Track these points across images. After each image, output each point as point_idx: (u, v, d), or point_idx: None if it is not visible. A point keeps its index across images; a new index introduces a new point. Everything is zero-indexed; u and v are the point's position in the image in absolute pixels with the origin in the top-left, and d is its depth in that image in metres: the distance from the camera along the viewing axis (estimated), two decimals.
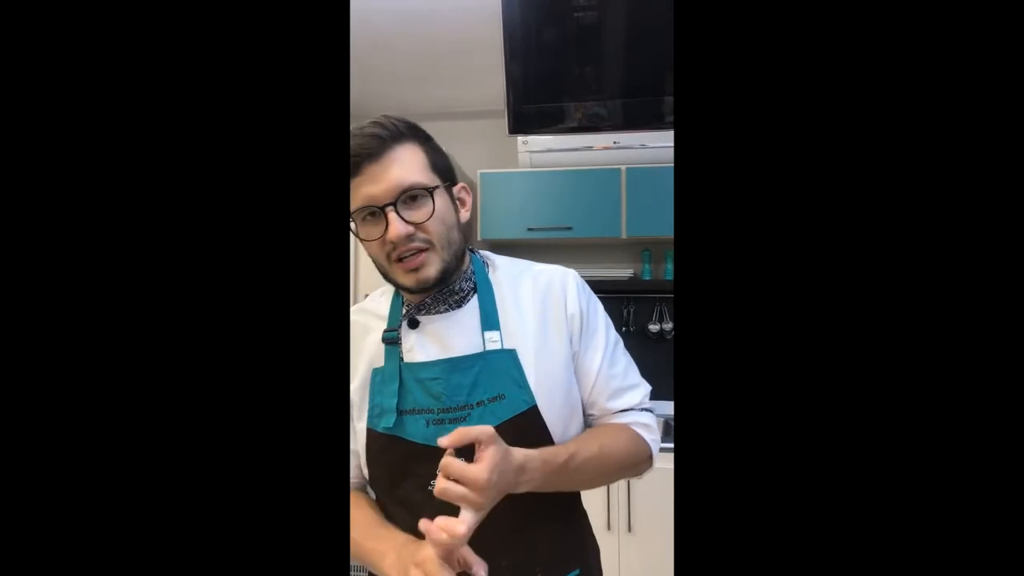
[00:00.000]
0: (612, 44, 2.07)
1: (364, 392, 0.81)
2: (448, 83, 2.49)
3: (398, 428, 0.76)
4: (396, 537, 0.73)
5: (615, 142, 2.18)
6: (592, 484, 0.82)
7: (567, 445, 0.76)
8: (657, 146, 2.17)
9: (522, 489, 0.68)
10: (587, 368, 0.83)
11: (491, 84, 2.28)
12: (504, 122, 2.20)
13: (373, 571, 0.75)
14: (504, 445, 0.65)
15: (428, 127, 0.82)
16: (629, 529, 1.91)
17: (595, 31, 2.04)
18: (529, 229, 2.23)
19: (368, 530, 0.76)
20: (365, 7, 1.93)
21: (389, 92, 2.57)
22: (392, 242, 0.75)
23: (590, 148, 2.20)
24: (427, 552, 0.64)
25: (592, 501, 0.90)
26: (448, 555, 0.63)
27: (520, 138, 2.23)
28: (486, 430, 0.64)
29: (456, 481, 0.62)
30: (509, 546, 0.74)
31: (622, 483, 1.88)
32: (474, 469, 0.62)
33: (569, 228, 2.20)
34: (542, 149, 2.23)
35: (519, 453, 0.67)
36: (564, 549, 0.82)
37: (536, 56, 2.06)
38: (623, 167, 2.19)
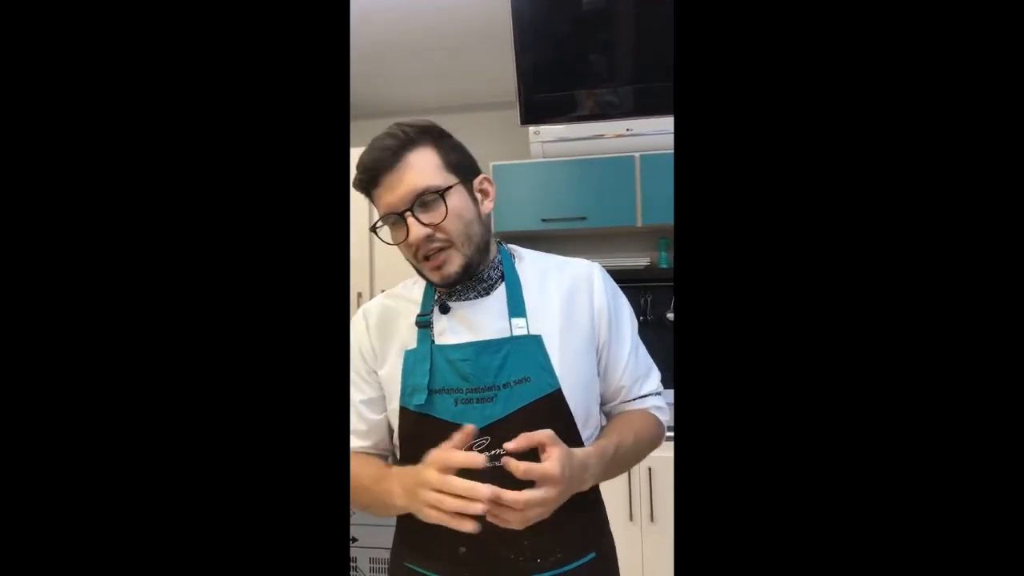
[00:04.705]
0: (622, 30, 2.03)
1: (396, 371, 0.85)
2: (456, 77, 2.47)
3: (428, 406, 0.81)
4: (395, 470, 0.77)
5: (628, 129, 2.14)
6: (624, 470, 0.87)
7: (610, 437, 0.81)
8: (672, 132, 2.13)
9: (587, 486, 0.73)
10: (616, 358, 0.88)
11: (499, 76, 2.26)
12: (515, 113, 2.18)
13: (389, 513, 0.78)
14: (566, 446, 0.69)
15: (439, 122, 0.83)
16: (651, 519, 1.90)
17: (604, 17, 2.01)
18: (543, 220, 2.20)
19: (371, 477, 0.80)
20: (369, 6, 1.92)
21: (396, 91, 2.57)
22: (414, 244, 0.79)
23: (602, 136, 2.17)
24: (426, 472, 0.67)
25: (614, 492, 0.91)
26: (445, 468, 0.66)
27: (532, 128, 2.20)
28: (547, 433, 0.68)
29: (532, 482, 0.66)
30: (532, 528, 0.75)
31: (643, 474, 1.87)
32: (546, 465, 0.67)
33: (584, 218, 2.18)
34: (554, 139, 2.20)
35: (580, 452, 0.72)
36: (583, 533, 0.85)
37: (546, 45, 2.04)
38: (637, 154, 2.16)
